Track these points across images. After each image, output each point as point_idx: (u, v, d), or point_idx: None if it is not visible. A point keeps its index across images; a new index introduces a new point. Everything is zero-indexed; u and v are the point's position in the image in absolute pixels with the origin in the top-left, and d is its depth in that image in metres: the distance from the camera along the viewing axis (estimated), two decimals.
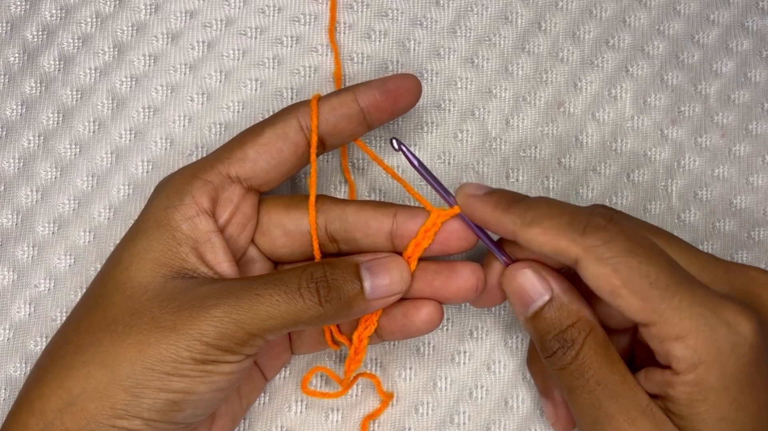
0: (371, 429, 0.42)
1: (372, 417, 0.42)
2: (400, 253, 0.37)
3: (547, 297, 0.35)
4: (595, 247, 0.32)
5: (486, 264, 0.38)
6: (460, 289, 0.37)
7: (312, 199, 0.37)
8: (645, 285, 0.32)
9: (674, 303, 0.32)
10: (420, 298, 0.37)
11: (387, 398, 0.42)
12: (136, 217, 0.37)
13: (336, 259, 0.36)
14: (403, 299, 0.37)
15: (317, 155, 0.38)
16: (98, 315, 0.34)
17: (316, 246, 0.37)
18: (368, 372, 0.43)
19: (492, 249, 0.37)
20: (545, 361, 0.35)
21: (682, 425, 0.32)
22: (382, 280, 0.35)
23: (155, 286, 0.34)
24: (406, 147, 0.37)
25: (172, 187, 0.36)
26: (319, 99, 0.37)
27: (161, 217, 0.35)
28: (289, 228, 0.38)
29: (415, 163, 0.37)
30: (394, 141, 0.37)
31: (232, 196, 0.37)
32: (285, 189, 0.44)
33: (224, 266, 0.36)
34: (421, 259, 0.37)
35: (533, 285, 0.35)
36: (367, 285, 0.35)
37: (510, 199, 0.35)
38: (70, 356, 0.33)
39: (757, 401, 0.32)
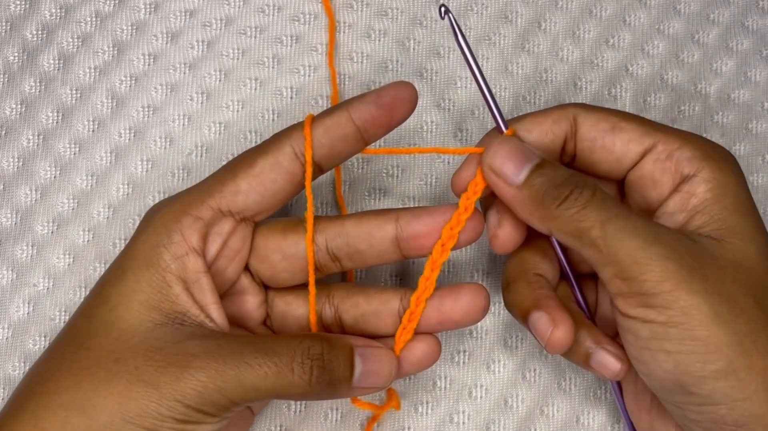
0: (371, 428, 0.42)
1: (372, 416, 0.42)
2: (411, 256, 0.36)
3: (538, 160, 0.34)
4: None
5: (463, 168, 0.37)
6: (468, 311, 0.36)
7: (309, 234, 0.36)
8: (637, 120, 0.35)
9: (669, 130, 0.35)
10: (419, 333, 0.36)
11: (386, 397, 0.42)
12: (131, 224, 0.37)
13: (333, 337, 0.34)
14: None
15: (314, 179, 0.36)
16: (82, 354, 0.33)
17: (311, 276, 0.36)
18: None
19: (493, 112, 0.36)
20: (555, 212, 0.33)
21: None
22: (371, 369, 0.34)
23: (143, 331, 0.33)
24: (454, 18, 0.35)
25: (160, 223, 0.35)
26: (313, 120, 0.35)
27: (150, 256, 0.34)
28: (288, 253, 0.36)
29: (460, 39, 0.35)
30: (442, 8, 0.35)
31: (222, 229, 0.35)
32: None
33: (211, 308, 0.35)
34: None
35: (524, 150, 0.34)
36: (357, 371, 0.34)
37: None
38: (48, 395, 0.32)
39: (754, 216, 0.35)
